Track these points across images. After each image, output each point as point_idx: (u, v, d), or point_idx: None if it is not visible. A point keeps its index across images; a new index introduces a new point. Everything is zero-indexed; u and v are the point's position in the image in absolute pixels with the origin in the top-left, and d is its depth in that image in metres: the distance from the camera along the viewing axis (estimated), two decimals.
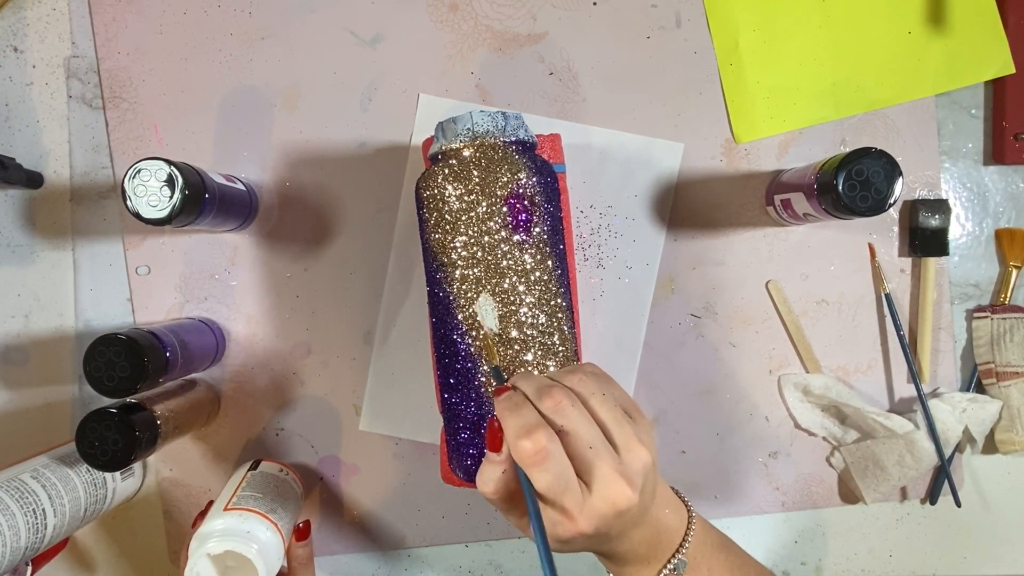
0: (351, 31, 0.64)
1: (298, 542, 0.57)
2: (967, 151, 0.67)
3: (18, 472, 0.53)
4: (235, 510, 0.52)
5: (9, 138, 0.63)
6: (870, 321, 0.66)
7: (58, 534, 0.54)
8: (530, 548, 0.66)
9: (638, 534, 0.40)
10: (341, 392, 0.65)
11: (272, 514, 0.53)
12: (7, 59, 0.63)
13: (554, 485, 0.36)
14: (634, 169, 0.65)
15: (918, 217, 0.65)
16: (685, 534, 0.42)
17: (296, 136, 0.64)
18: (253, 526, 0.51)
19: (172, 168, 0.50)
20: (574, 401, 0.37)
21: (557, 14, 0.64)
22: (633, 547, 0.40)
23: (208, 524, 0.51)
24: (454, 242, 0.47)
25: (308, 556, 0.58)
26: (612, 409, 0.38)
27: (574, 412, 0.37)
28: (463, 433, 0.48)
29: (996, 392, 0.64)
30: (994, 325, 0.65)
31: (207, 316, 0.64)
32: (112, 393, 0.51)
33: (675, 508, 0.42)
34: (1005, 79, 0.65)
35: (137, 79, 0.63)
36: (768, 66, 0.65)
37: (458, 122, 0.48)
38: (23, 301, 0.64)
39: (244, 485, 0.57)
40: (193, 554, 0.49)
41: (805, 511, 0.67)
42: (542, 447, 0.35)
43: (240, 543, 0.49)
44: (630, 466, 0.37)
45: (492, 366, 0.38)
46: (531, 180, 0.47)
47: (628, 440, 0.37)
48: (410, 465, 0.65)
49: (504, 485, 0.38)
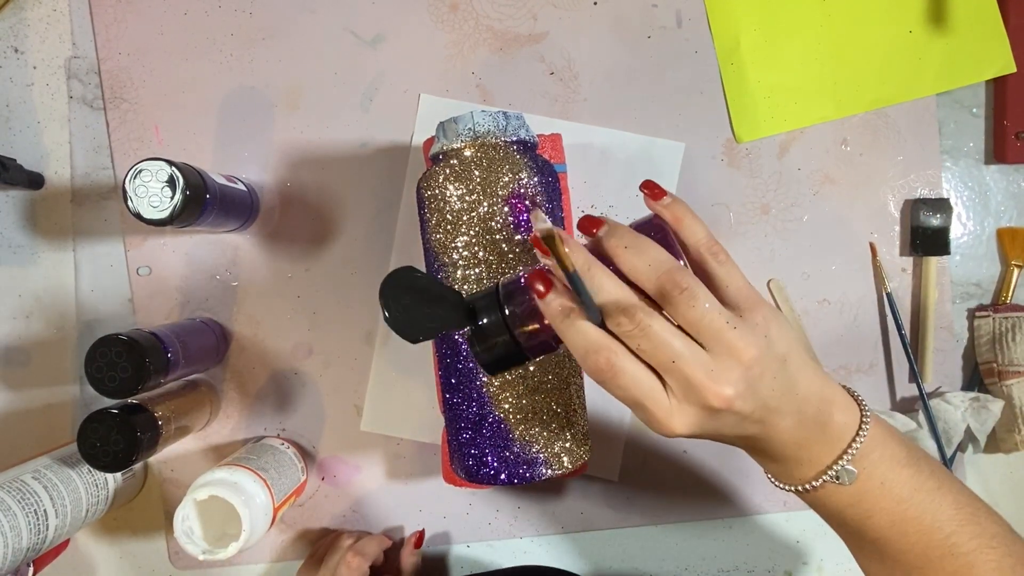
0: (352, 31, 0.64)
1: (415, 549, 0.63)
2: (968, 150, 0.67)
3: (20, 473, 0.53)
4: (227, 466, 0.56)
5: (10, 139, 0.63)
6: (871, 320, 0.66)
7: (60, 535, 0.54)
8: (531, 550, 0.66)
9: (779, 433, 0.37)
10: (342, 392, 0.65)
11: (263, 472, 0.56)
12: (8, 60, 0.63)
13: (627, 397, 0.35)
14: (635, 169, 0.65)
15: (919, 216, 0.65)
16: (853, 440, 0.38)
17: (297, 136, 0.64)
18: (241, 478, 0.54)
19: (173, 168, 0.50)
20: (652, 320, 0.35)
21: (558, 14, 0.64)
22: (776, 447, 0.38)
23: (201, 477, 0.55)
24: (455, 242, 0.47)
25: (418, 565, 0.63)
26: (703, 316, 0.35)
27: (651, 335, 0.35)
28: (465, 433, 0.48)
29: (998, 391, 0.64)
30: (996, 324, 0.65)
31: (208, 316, 0.64)
32: (113, 394, 0.51)
33: (842, 409, 0.38)
34: (1006, 78, 0.65)
35: (138, 80, 0.63)
36: (769, 65, 0.65)
37: (459, 122, 0.48)
38: (24, 302, 0.64)
39: (242, 450, 0.61)
40: (183, 501, 0.53)
41: (807, 511, 0.67)
42: (612, 365, 0.35)
43: (226, 491, 0.53)
44: (721, 372, 0.35)
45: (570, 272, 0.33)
46: (532, 180, 0.47)
47: (719, 346, 0.35)
48: (411, 465, 0.65)
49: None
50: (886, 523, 0.39)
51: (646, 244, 0.36)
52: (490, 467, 0.47)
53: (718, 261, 0.38)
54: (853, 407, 0.39)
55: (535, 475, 0.47)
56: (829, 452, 0.38)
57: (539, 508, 0.66)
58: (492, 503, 0.66)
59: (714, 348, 0.35)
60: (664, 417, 0.35)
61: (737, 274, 0.38)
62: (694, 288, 0.35)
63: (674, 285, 0.35)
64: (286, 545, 0.65)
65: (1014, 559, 0.38)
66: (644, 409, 0.36)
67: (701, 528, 0.67)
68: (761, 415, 0.36)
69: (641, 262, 0.36)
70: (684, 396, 0.35)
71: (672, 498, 0.66)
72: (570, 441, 0.48)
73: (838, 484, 0.39)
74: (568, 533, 0.66)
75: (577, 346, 0.36)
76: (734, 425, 0.36)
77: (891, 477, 0.39)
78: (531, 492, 0.66)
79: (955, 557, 0.38)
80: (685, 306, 0.35)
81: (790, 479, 0.40)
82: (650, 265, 0.35)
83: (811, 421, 0.38)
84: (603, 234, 0.37)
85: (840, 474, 0.38)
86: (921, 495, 0.39)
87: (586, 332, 0.35)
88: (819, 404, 0.38)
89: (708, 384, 0.34)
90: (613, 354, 0.35)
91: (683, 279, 0.35)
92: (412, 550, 0.63)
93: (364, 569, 0.58)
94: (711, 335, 0.35)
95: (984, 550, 0.38)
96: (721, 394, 0.35)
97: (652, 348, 0.35)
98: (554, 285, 0.36)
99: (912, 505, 0.39)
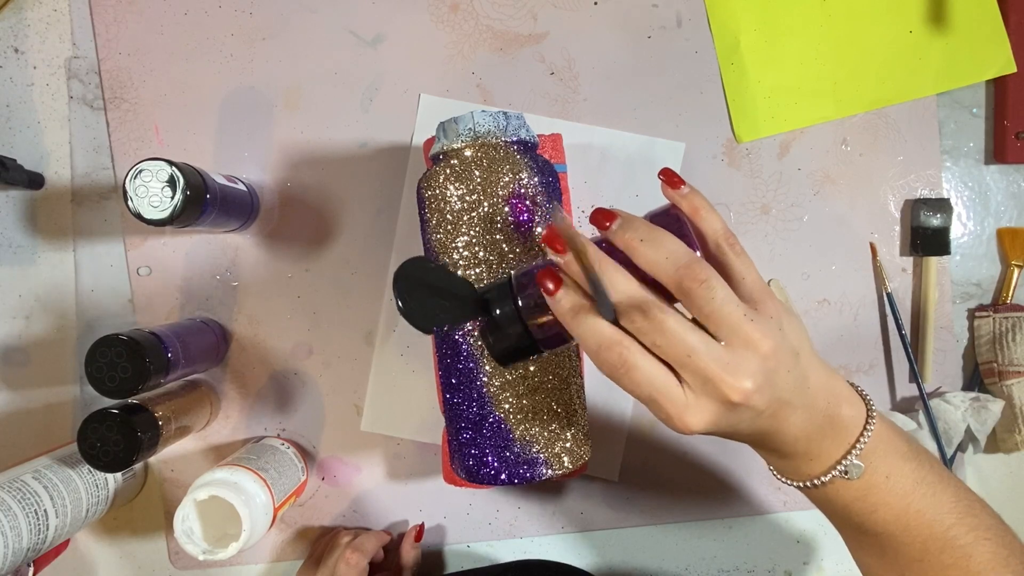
0: (352, 31, 0.64)
1: (415, 543, 0.64)
2: (968, 150, 0.67)
3: (20, 473, 0.53)
4: (227, 466, 0.56)
5: (10, 139, 0.63)
6: (872, 320, 0.66)
7: (60, 535, 0.54)
8: (531, 549, 0.66)
9: (790, 428, 0.37)
10: (342, 392, 0.65)
11: (263, 472, 0.56)
12: (8, 60, 0.63)
13: (642, 394, 0.35)
14: (635, 169, 0.65)
15: (920, 216, 0.65)
16: (860, 434, 0.38)
17: (297, 136, 0.64)
18: (241, 478, 0.54)
19: (173, 169, 0.50)
20: (666, 316, 0.34)
21: (558, 14, 0.64)
22: (786, 442, 0.38)
23: (201, 477, 0.55)
24: (456, 242, 0.47)
25: (418, 559, 0.64)
26: (721, 308, 0.34)
27: (666, 331, 0.34)
28: (465, 433, 0.48)
29: (998, 391, 0.64)
30: (996, 324, 0.65)
31: (208, 316, 0.64)
32: (113, 394, 0.51)
33: (850, 403, 0.39)
34: (1006, 78, 0.65)
35: (138, 80, 0.63)
36: (769, 65, 0.65)
37: (459, 122, 0.48)
38: (24, 302, 0.64)
39: (242, 450, 0.61)
40: (183, 501, 0.53)
41: (807, 511, 0.67)
42: (624, 360, 0.34)
43: (226, 491, 0.53)
44: (739, 365, 0.34)
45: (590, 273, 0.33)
46: (533, 180, 0.47)
47: (736, 339, 0.34)
48: (412, 466, 0.65)
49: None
50: (890, 517, 0.39)
51: (663, 236, 0.36)
52: (490, 467, 0.47)
53: (735, 253, 0.38)
54: (859, 402, 0.39)
55: (535, 475, 0.47)
56: (838, 447, 0.38)
57: (539, 508, 0.66)
58: (492, 503, 0.66)
59: (731, 340, 0.35)
60: (680, 413, 0.35)
61: (752, 267, 0.38)
62: (712, 281, 0.34)
63: (693, 278, 0.34)
64: (286, 545, 0.65)
65: (1007, 551, 0.39)
66: (659, 405, 0.35)
67: (701, 528, 0.67)
68: (775, 409, 0.36)
69: (659, 255, 0.35)
70: (701, 390, 0.35)
71: (672, 498, 0.66)
72: (570, 441, 0.48)
73: (846, 479, 0.39)
74: (568, 533, 0.66)
75: (589, 342, 0.35)
76: (749, 420, 0.36)
77: (895, 471, 0.39)
78: (531, 492, 0.66)
79: (953, 549, 0.39)
80: (704, 298, 0.34)
81: (798, 475, 0.40)
82: (667, 258, 0.35)
83: (821, 415, 0.38)
84: (617, 227, 0.37)
85: (849, 468, 0.38)
86: (923, 488, 0.39)
87: (598, 328, 0.35)
88: (828, 398, 0.38)
89: (725, 378, 0.34)
90: (626, 350, 0.35)
91: (702, 271, 0.34)
92: (412, 544, 0.63)
93: (363, 566, 0.58)
94: (729, 328, 0.34)
95: (981, 542, 0.38)
96: (739, 387, 0.34)
97: (667, 344, 0.34)
98: (564, 283, 0.36)
99: (915, 499, 0.39)
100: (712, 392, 0.34)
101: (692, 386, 0.35)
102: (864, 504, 0.39)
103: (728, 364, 0.34)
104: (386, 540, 0.63)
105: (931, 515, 0.39)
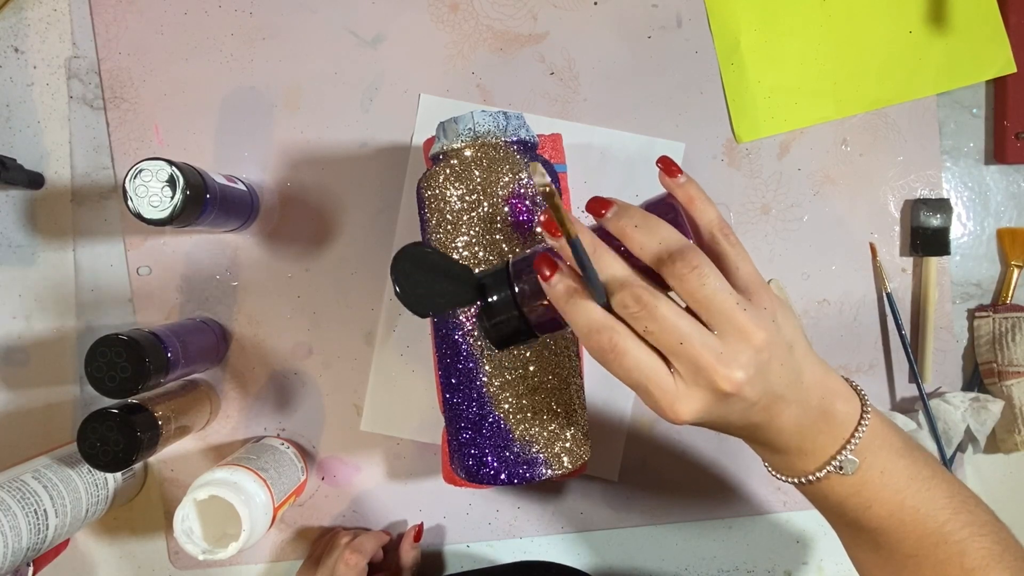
0: (352, 31, 0.64)
1: (414, 543, 0.63)
2: (968, 150, 0.67)
3: (20, 473, 0.53)
4: (227, 465, 0.56)
5: (10, 138, 0.63)
6: (872, 320, 0.66)
7: (59, 535, 0.54)
8: (531, 549, 0.66)
9: (783, 422, 0.37)
10: (342, 392, 0.65)
11: (262, 472, 0.56)
12: (8, 60, 0.63)
13: (632, 380, 0.34)
14: (635, 169, 0.65)
15: (919, 216, 0.65)
16: (855, 430, 0.38)
17: (297, 136, 0.64)
18: (241, 478, 0.55)
19: (173, 168, 0.50)
20: (658, 302, 0.34)
21: (558, 14, 0.64)
22: (780, 436, 0.38)
23: (201, 477, 0.55)
24: (456, 242, 0.47)
25: (417, 559, 0.64)
26: (714, 296, 0.34)
27: (657, 317, 0.34)
28: (465, 433, 0.48)
29: (998, 391, 0.64)
30: (996, 324, 0.65)
31: (208, 316, 0.64)
32: (113, 394, 0.51)
33: (844, 399, 0.38)
34: (1006, 78, 0.65)
35: (138, 79, 0.63)
36: (769, 66, 0.65)
37: (459, 122, 0.48)
38: (24, 302, 0.64)
39: (242, 450, 0.61)
40: (183, 501, 0.53)
41: (807, 511, 0.67)
42: (615, 345, 0.34)
43: (226, 491, 0.53)
44: (731, 355, 0.34)
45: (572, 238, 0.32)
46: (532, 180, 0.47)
47: (729, 328, 0.34)
48: (411, 466, 0.65)
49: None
50: (885, 513, 0.39)
51: (657, 223, 0.36)
52: (490, 467, 0.47)
53: (730, 242, 0.37)
54: (854, 397, 0.39)
55: (535, 475, 0.47)
56: (832, 442, 0.38)
57: (539, 508, 0.66)
58: (492, 503, 0.66)
59: (724, 329, 0.34)
60: (670, 402, 0.35)
61: (747, 258, 0.37)
62: (704, 267, 0.34)
63: (685, 263, 0.34)
64: (286, 545, 0.65)
65: (1001, 547, 0.39)
66: (649, 393, 0.35)
67: (701, 528, 0.67)
68: (768, 402, 0.36)
69: (651, 241, 0.35)
70: (692, 379, 0.34)
71: (672, 498, 0.66)
72: (570, 441, 0.48)
73: (840, 475, 0.38)
74: (568, 533, 0.66)
75: (580, 326, 0.35)
76: (741, 412, 0.36)
77: (890, 467, 0.39)
78: (531, 492, 0.66)
79: (948, 545, 0.38)
80: (696, 284, 0.34)
81: (792, 471, 0.40)
82: (660, 243, 0.35)
83: (815, 410, 0.37)
84: (613, 214, 0.36)
85: (843, 464, 0.38)
86: (918, 484, 0.39)
87: (589, 312, 0.35)
88: (822, 393, 0.38)
89: (717, 367, 0.34)
90: (616, 334, 0.34)
91: (694, 257, 0.34)
92: (411, 544, 0.63)
93: (362, 566, 0.58)
94: (721, 316, 0.34)
95: (975, 537, 0.38)
96: (731, 377, 0.34)
97: (659, 330, 0.34)
98: (559, 268, 0.36)
99: (910, 494, 0.39)
100: (703, 381, 0.34)
101: (683, 375, 0.34)
102: (859, 500, 0.39)
103: (720, 353, 0.34)
104: (385, 540, 0.63)
105: (926, 511, 0.39)
